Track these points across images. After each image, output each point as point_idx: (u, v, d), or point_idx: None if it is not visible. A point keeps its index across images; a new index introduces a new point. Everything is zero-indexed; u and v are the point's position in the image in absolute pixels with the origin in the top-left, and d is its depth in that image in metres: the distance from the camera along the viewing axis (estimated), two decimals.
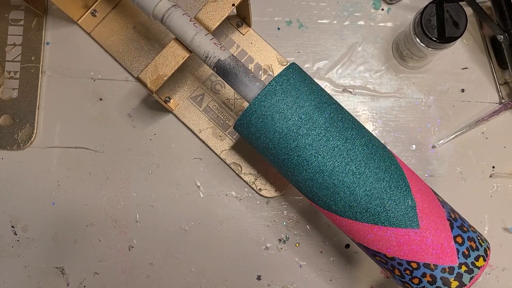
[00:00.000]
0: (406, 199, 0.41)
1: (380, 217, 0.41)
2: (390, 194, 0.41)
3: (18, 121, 0.54)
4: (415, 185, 0.42)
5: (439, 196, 0.43)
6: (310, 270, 0.53)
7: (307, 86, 0.42)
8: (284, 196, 0.53)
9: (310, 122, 0.41)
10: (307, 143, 0.41)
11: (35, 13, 0.55)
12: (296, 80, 0.42)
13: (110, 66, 0.55)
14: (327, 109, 0.42)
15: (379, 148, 0.42)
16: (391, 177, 0.41)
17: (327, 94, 0.43)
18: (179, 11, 0.44)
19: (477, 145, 0.53)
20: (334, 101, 0.43)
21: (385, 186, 0.41)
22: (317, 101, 0.42)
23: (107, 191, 0.54)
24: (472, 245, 0.41)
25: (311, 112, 0.41)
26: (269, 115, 0.41)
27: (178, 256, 0.53)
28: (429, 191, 0.43)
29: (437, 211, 0.41)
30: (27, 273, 0.53)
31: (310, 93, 0.42)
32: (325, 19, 0.55)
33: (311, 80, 0.44)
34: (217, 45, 0.44)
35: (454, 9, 0.46)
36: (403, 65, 0.54)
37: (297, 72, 0.43)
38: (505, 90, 0.54)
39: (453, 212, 0.42)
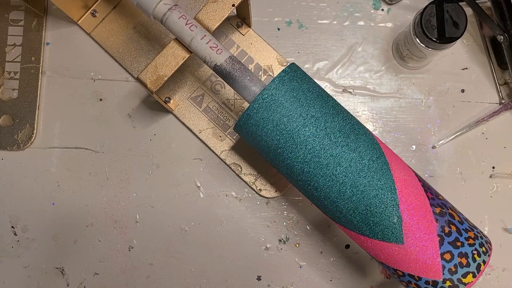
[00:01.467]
0: (392, 217, 0.40)
1: (364, 231, 0.41)
2: (377, 211, 0.41)
3: (18, 121, 0.54)
4: (407, 198, 0.40)
5: (438, 200, 0.42)
6: (310, 270, 0.53)
7: (306, 87, 0.42)
8: (284, 197, 0.53)
9: (310, 122, 0.41)
10: (307, 143, 0.41)
11: (35, 14, 0.55)
12: (295, 81, 0.42)
13: (110, 66, 0.55)
14: (327, 110, 0.42)
15: (374, 155, 0.41)
16: (382, 193, 0.40)
17: (327, 94, 0.43)
18: (175, 14, 0.44)
19: (477, 145, 0.53)
20: (334, 101, 0.43)
21: (374, 203, 0.40)
22: (317, 101, 0.42)
23: (107, 191, 0.54)
24: (462, 262, 0.40)
25: (311, 112, 0.41)
26: (269, 116, 0.41)
27: (178, 257, 0.53)
28: (423, 205, 0.41)
29: (426, 227, 0.40)
30: (27, 274, 0.53)
31: (310, 94, 0.42)
32: (325, 20, 0.55)
33: (311, 80, 0.44)
34: (214, 49, 0.43)
35: (454, 10, 0.46)
36: (403, 65, 0.54)
37: (297, 72, 0.43)
38: (505, 90, 0.54)
39: (450, 225, 0.41)
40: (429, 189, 0.43)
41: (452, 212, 0.42)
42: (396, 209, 0.40)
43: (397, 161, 0.43)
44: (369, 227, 0.41)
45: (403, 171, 0.42)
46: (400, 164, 0.43)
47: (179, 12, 0.44)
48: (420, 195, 0.41)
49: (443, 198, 0.44)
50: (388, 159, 0.42)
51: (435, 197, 0.42)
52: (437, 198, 0.42)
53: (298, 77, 0.43)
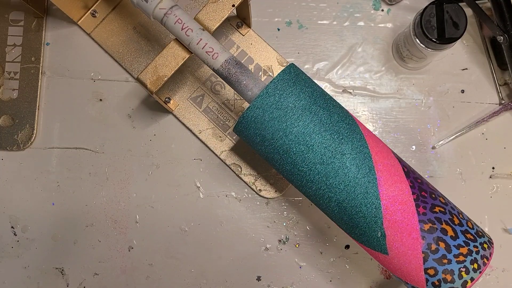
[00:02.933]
0: (376, 231, 0.41)
1: (354, 237, 0.43)
2: (361, 225, 0.41)
3: (18, 121, 0.54)
4: (392, 215, 0.41)
5: (431, 214, 0.41)
6: (310, 270, 0.53)
7: (305, 87, 0.42)
8: (284, 197, 0.53)
9: (309, 123, 0.41)
10: (306, 144, 0.41)
11: (35, 14, 0.55)
12: (294, 82, 0.42)
13: (110, 66, 0.55)
14: (326, 110, 0.42)
15: (363, 168, 0.41)
16: (365, 209, 0.41)
17: (326, 94, 0.43)
18: (171, 19, 0.44)
19: (477, 146, 0.53)
20: (333, 102, 0.43)
21: (358, 219, 0.41)
22: (316, 102, 0.42)
23: (107, 191, 0.54)
24: (446, 278, 0.40)
25: (310, 113, 0.41)
26: (268, 117, 0.42)
27: (178, 257, 0.53)
28: (409, 222, 0.40)
29: (410, 244, 0.41)
30: (26, 274, 0.53)
31: (309, 94, 0.42)
32: (325, 20, 0.55)
33: (310, 80, 0.44)
34: (210, 54, 0.44)
35: (454, 10, 0.46)
36: (403, 66, 0.54)
37: (296, 73, 0.43)
38: (505, 91, 0.54)
39: (439, 242, 0.40)
40: (425, 200, 0.41)
41: (447, 226, 0.41)
42: (380, 226, 0.41)
43: (390, 173, 0.41)
44: (356, 236, 0.43)
45: (394, 185, 0.41)
46: (393, 178, 0.41)
47: (174, 16, 0.44)
48: (408, 212, 0.41)
49: (444, 205, 0.42)
50: (378, 174, 0.41)
51: (429, 211, 0.41)
52: (430, 212, 0.41)
53: (297, 78, 0.43)
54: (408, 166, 0.44)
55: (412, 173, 0.43)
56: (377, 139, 0.44)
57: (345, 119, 0.43)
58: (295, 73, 0.43)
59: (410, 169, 0.44)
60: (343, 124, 0.42)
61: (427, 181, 0.44)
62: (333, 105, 0.43)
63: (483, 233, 0.43)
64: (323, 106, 0.42)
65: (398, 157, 0.44)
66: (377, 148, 0.42)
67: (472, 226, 0.43)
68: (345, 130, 0.42)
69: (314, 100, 0.42)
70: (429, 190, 0.42)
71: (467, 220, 0.43)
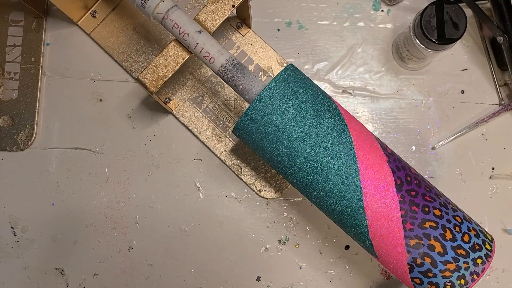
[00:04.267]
0: (364, 240, 0.42)
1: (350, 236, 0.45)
2: (351, 233, 0.44)
3: (18, 122, 0.54)
4: (377, 229, 0.41)
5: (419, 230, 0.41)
6: (310, 271, 0.53)
7: (304, 88, 0.42)
8: (284, 197, 0.53)
9: (307, 124, 0.41)
10: (304, 144, 0.41)
11: (35, 14, 0.55)
12: (293, 83, 0.42)
13: (110, 67, 0.55)
14: (324, 111, 0.42)
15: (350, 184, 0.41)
16: (354, 221, 0.42)
17: (325, 95, 0.43)
18: (168, 24, 0.44)
19: (476, 146, 0.53)
20: (332, 103, 0.43)
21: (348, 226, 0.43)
22: (314, 102, 0.42)
23: (106, 192, 0.54)
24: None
25: (308, 114, 0.41)
26: (266, 119, 0.42)
27: (177, 257, 0.53)
28: (394, 237, 0.41)
29: (396, 255, 0.42)
30: (26, 274, 0.53)
31: (307, 95, 0.42)
32: (325, 21, 0.55)
33: (308, 81, 0.44)
34: (207, 58, 0.44)
35: (453, 11, 0.46)
36: (403, 66, 0.54)
37: (294, 74, 0.43)
38: (504, 91, 0.54)
39: (425, 257, 0.40)
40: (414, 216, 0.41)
41: (435, 242, 0.40)
42: (367, 236, 0.42)
43: (378, 189, 0.41)
44: (351, 236, 0.44)
45: (380, 201, 0.41)
46: (380, 193, 0.41)
47: (171, 20, 0.44)
48: (393, 227, 0.41)
49: (437, 219, 0.41)
50: (364, 190, 0.41)
51: (417, 226, 0.41)
52: (418, 228, 0.41)
53: (295, 79, 0.43)
54: (404, 175, 0.42)
55: (407, 184, 0.41)
56: (372, 150, 0.42)
57: (336, 130, 0.42)
58: (292, 74, 0.43)
59: (405, 179, 0.42)
60: (331, 138, 0.41)
61: (428, 189, 0.42)
62: (326, 116, 0.42)
63: (481, 246, 0.41)
64: (320, 107, 0.42)
65: (396, 162, 0.42)
66: (369, 160, 0.41)
67: (469, 240, 0.41)
68: (333, 145, 0.41)
69: (311, 101, 0.42)
70: (422, 204, 0.41)
71: (465, 232, 0.41)
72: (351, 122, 0.43)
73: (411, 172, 0.43)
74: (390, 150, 0.44)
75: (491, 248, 0.42)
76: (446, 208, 0.42)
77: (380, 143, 0.43)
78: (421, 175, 0.44)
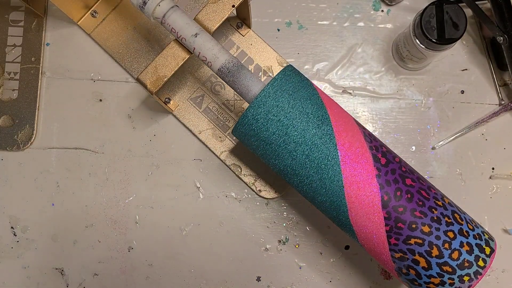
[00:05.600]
0: (356, 241, 0.44)
1: None
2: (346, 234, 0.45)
3: (18, 122, 0.54)
4: (364, 240, 0.42)
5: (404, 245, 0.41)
6: (309, 271, 0.53)
7: (301, 90, 0.42)
8: (283, 197, 0.53)
9: (304, 125, 0.41)
10: (301, 146, 0.42)
11: (35, 14, 0.55)
12: (290, 84, 0.42)
13: (110, 67, 0.55)
14: (320, 112, 0.42)
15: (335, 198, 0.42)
16: (344, 228, 0.44)
17: (316, 102, 0.43)
18: (166, 27, 0.44)
19: (476, 146, 0.53)
20: (323, 110, 0.43)
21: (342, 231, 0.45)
22: (312, 103, 0.42)
23: (106, 192, 0.54)
24: None
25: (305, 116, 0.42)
26: (264, 121, 0.42)
27: (177, 257, 0.53)
28: (380, 250, 0.42)
29: (384, 261, 0.43)
30: (26, 274, 0.53)
31: (305, 96, 0.42)
32: (325, 21, 0.55)
33: (306, 82, 0.44)
34: (204, 62, 0.44)
35: (453, 11, 0.46)
36: (403, 66, 0.54)
37: (291, 75, 0.43)
38: (504, 91, 0.54)
39: (410, 269, 0.41)
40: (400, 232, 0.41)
41: (420, 258, 0.41)
42: (357, 241, 0.44)
43: (362, 206, 0.41)
44: None
45: (365, 217, 0.41)
46: (364, 210, 0.41)
47: (168, 25, 0.44)
48: (378, 241, 0.42)
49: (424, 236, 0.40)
50: (349, 205, 0.42)
51: (402, 242, 0.41)
52: (403, 244, 0.41)
53: (293, 80, 0.43)
54: (394, 190, 0.41)
55: (395, 200, 0.41)
56: (361, 164, 0.41)
57: (322, 143, 0.41)
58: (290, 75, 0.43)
59: (394, 194, 0.41)
60: (319, 154, 0.41)
61: (421, 203, 0.41)
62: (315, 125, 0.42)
63: (472, 263, 0.40)
64: (317, 108, 0.42)
65: (388, 175, 0.41)
66: (355, 177, 0.41)
67: (458, 257, 0.40)
68: (319, 160, 0.41)
69: (309, 102, 0.42)
70: (410, 220, 0.40)
71: (456, 249, 0.40)
72: (340, 134, 0.42)
73: (405, 184, 0.41)
74: (385, 160, 0.42)
75: (485, 264, 0.41)
76: (439, 223, 0.41)
77: (372, 154, 0.42)
78: (421, 183, 0.42)
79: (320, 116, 0.42)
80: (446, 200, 0.43)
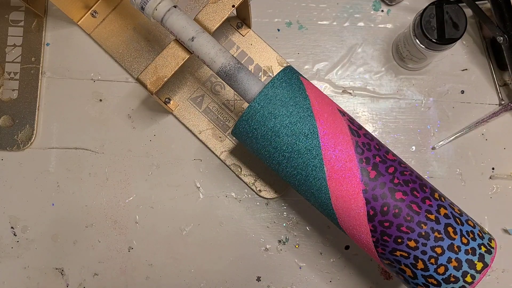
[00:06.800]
0: None
1: None
2: None
3: (18, 122, 0.54)
4: (353, 237, 0.43)
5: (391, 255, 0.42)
6: (309, 271, 0.53)
7: (295, 98, 0.42)
8: (284, 198, 0.53)
9: (293, 139, 0.42)
10: (291, 156, 0.42)
11: (35, 14, 0.55)
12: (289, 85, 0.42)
13: (110, 67, 0.55)
14: (308, 125, 0.42)
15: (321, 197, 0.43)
16: None
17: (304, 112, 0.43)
18: (166, 28, 0.45)
19: (476, 146, 0.53)
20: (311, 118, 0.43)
21: None
22: (300, 117, 0.42)
23: (106, 192, 0.54)
24: None
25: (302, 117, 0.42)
26: (262, 122, 0.42)
27: (177, 257, 0.53)
28: (369, 253, 0.43)
29: (377, 261, 0.44)
30: (26, 274, 0.53)
31: (297, 107, 0.42)
32: (325, 21, 0.55)
33: (299, 91, 0.43)
34: (204, 63, 0.45)
35: (453, 11, 0.46)
36: (403, 66, 0.54)
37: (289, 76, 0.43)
38: (504, 91, 0.54)
39: (398, 274, 0.43)
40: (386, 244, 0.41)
41: (406, 268, 0.41)
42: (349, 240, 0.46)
43: (350, 216, 0.42)
44: None
45: (353, 229, 0.42)
46: (351, 221, 0.42)
47: (167, 28, 0.44)
48: (368, 249, 0.43)
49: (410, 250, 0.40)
50: (337, 213, 0.42)
51: (388, 253, 0.41)
52: (389, 254, 0.41)
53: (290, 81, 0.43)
54: (381, 205, 0.40)
55: (381, 215, 0.40)
56: (346, 180, 0.41)
57: (310, 162, 0.42)
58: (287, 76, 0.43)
59: (380, 209, 0.40)
60: (306, 170, 0.42)
61: (409, 218, 0.40)
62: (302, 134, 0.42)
63: (459, 278, 0.40)
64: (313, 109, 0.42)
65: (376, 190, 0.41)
66: (340, 192, 0.41)
67: (444, 272, 0.40)
68: (308, 173, 0.42)
69: (306, 103, 0.42)
70: (395, 235, 0.40)
71: (442, 264, 0.40)
72: (327, 149, 0.41)
73: (394, 199, 0.41)
74: (374, 173, 0.41)
75: (473, 280, 0.40)
76: (427, 238, 0.40)
77: (361, 167, 0.41)
78: (414, 195, 0.41)
79: (307, 129, 0.41)
80: (442, 212, 0.41)
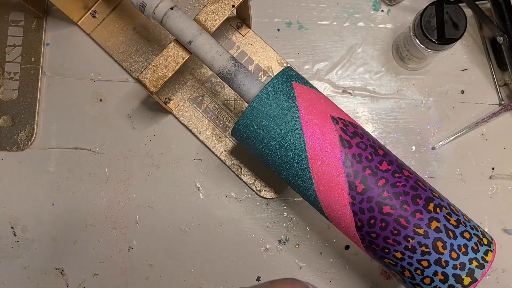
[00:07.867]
0: None
1: None
2: None
3: (18, 122, 0.54)
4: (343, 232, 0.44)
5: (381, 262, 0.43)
6: (309, 271, 0.53)
7: (288, 103, 0.42)
8: (283, 198, 0.53)
9: (288, 139, 0.42)
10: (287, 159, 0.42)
11: (35, 14, 0.55)
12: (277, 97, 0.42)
13: (110, 67, 0.55)
14: (297, 139, 0.42)
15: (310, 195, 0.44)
16: None
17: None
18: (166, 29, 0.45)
19: (476, 146, 0.53)
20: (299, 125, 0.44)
21: None
22: (288, 129, 0.42)
23: (106, 192, 0.54)
24: None
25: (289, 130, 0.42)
26: (260, 122, 0.42)
27: (177, 257, 0.53)
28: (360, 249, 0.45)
29: None
30: (26, 274, 0.53)
31: (292, 109, 0.42)
32: (325, 21, 0.55)
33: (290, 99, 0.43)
34: (203, 64, 0.45)
35: (453, 11, 0.46)
36: (403, 66, 0.54)
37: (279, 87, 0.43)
38: (504, 91, 0.54)
39: (393, 276, 0.44)
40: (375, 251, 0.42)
41: (395, 273, 0.43)
42: None
43: (339, 226, 0.43)
44: None
45: (345, 233, 0.44)
46: (342, 228, 0.43)
47: (166, 30, 0.44)
48: (363, 253, 0.46)
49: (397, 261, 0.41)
50: (330, 219, 0.44)
51: (378, 258, 0.43)
52: (379, 259, 0.43)
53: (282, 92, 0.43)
54: (367, 218, 0.41)
55: (369, 227, 0.41)
56: (334, 193, 0.41)
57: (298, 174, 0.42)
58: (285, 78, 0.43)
59: (367, 222, 0.41)
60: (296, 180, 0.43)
61: (396, 231, 0.40)
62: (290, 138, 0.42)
63: None
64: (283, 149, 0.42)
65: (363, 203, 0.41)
66: (330, 203, 0.42)
67: (431, 283, 0.40)
68: (299, 182, 0.43)
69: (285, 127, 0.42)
70: (382, 245, 0.41)
71: (428, 276, 0.40)
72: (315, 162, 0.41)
73: (381, 213, 0.40)
74: (362, 187, 0.40)
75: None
76: (413, 252, 0.40)
77: (349, 181, 0.41)
78: (405, 208, 0.40)
79: (295, 143, 0.41)
80: (433, 226, 0.40)
